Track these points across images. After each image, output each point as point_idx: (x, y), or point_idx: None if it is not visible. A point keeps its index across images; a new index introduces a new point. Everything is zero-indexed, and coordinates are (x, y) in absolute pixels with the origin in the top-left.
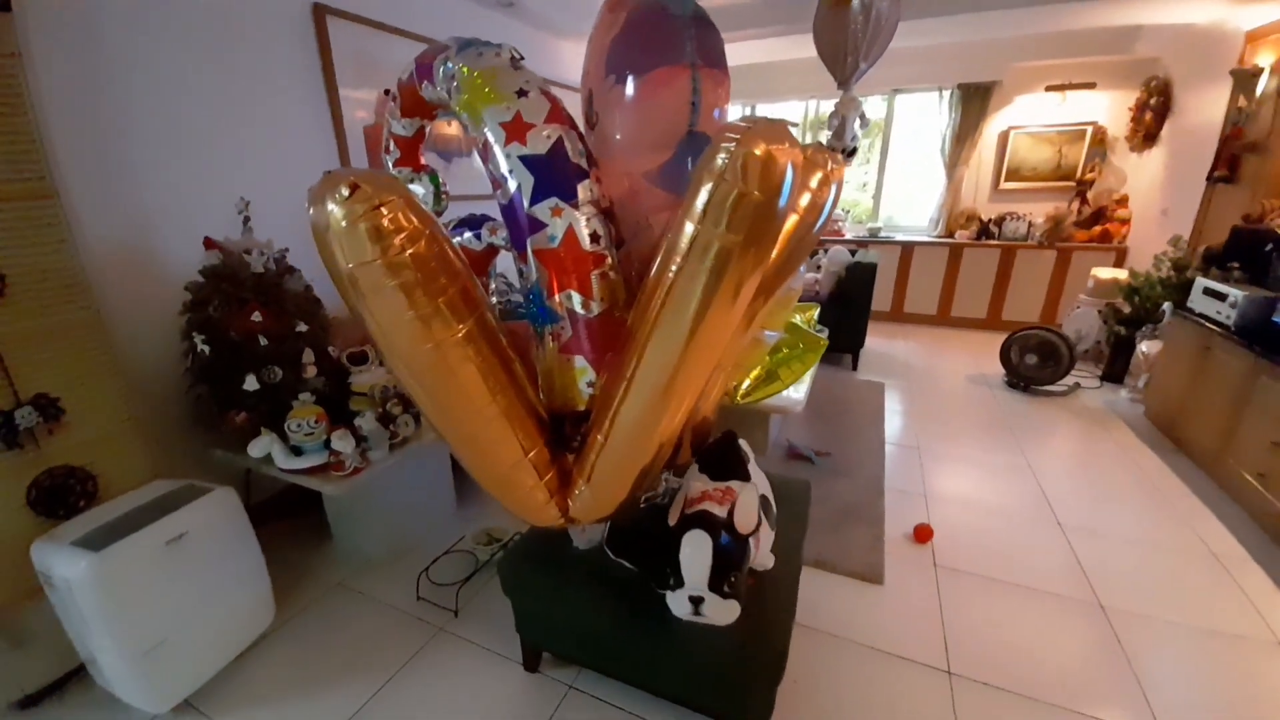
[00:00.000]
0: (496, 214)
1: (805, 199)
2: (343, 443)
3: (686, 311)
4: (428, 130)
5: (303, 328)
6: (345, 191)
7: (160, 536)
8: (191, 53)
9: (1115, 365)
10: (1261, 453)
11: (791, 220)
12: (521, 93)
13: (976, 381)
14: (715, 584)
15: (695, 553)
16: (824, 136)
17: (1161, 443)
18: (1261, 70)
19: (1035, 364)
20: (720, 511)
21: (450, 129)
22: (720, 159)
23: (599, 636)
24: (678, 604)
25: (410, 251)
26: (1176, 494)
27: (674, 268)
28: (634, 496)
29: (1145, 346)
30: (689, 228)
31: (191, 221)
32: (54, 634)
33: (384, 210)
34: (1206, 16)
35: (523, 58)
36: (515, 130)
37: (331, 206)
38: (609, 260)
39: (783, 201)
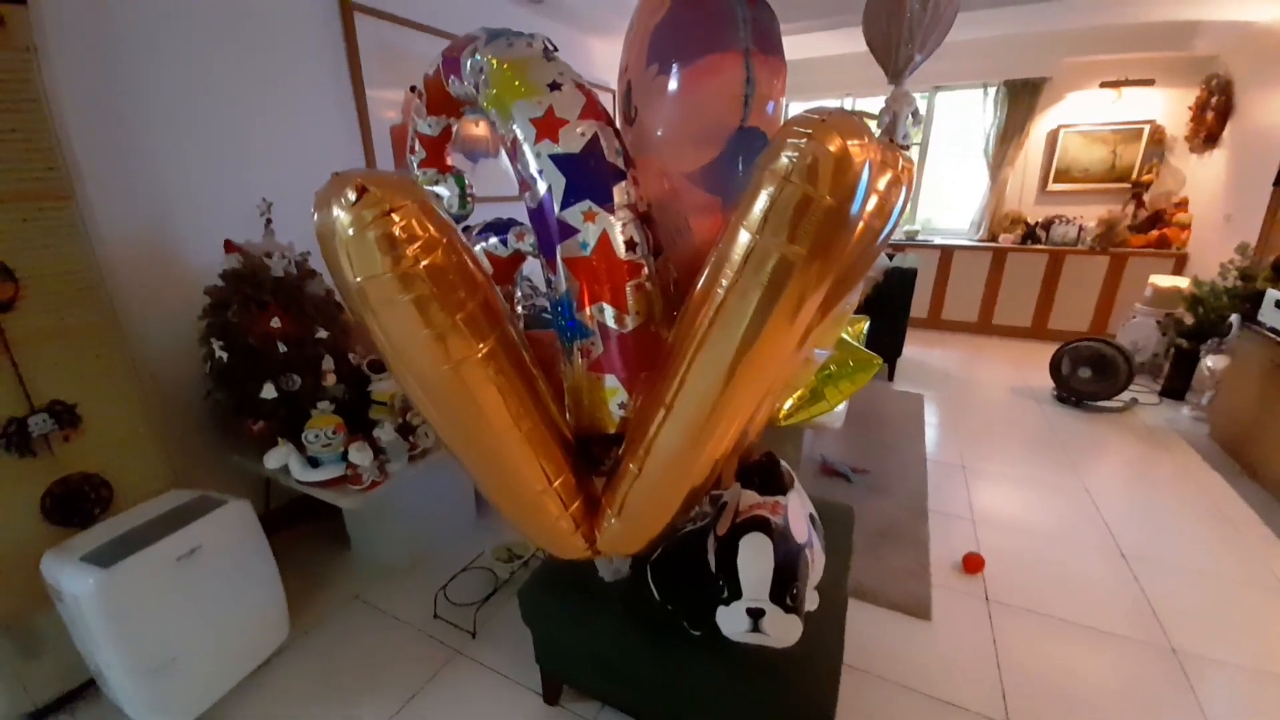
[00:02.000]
0: (524, 217)
1: (873, 203)
2: (360, 455)
3: (738, 331)
4: (455, 130)
5: (323, 334)
6: (352, 195)
7: (172, 552)
8: (213, 49)
9: (1176, 380)
10: None
11: (857, 228)
12: (554, 86)
13: (1022, 394)
14: (777, 594)
15: (755, 556)
16: None
17: (1229, 466)
18: None
19: (1089, 377)
20: (776, 519)
21: (477, 129)
22: (786, 158)
23: (626, 673)
24: (733, 620)
25: (425, 263)
26: (1248, 524)
27: (725, 281)
28: (670, 530)
29: (1210, 361)
30: (744, 237)
31: (212, 222)
32: (66, 645)
33: (396, 217)
34: (1269, 15)
35: (556, 49)
36: (547, 127)
37: (338, 212)
38: (646, 270)
39: (855, 208)
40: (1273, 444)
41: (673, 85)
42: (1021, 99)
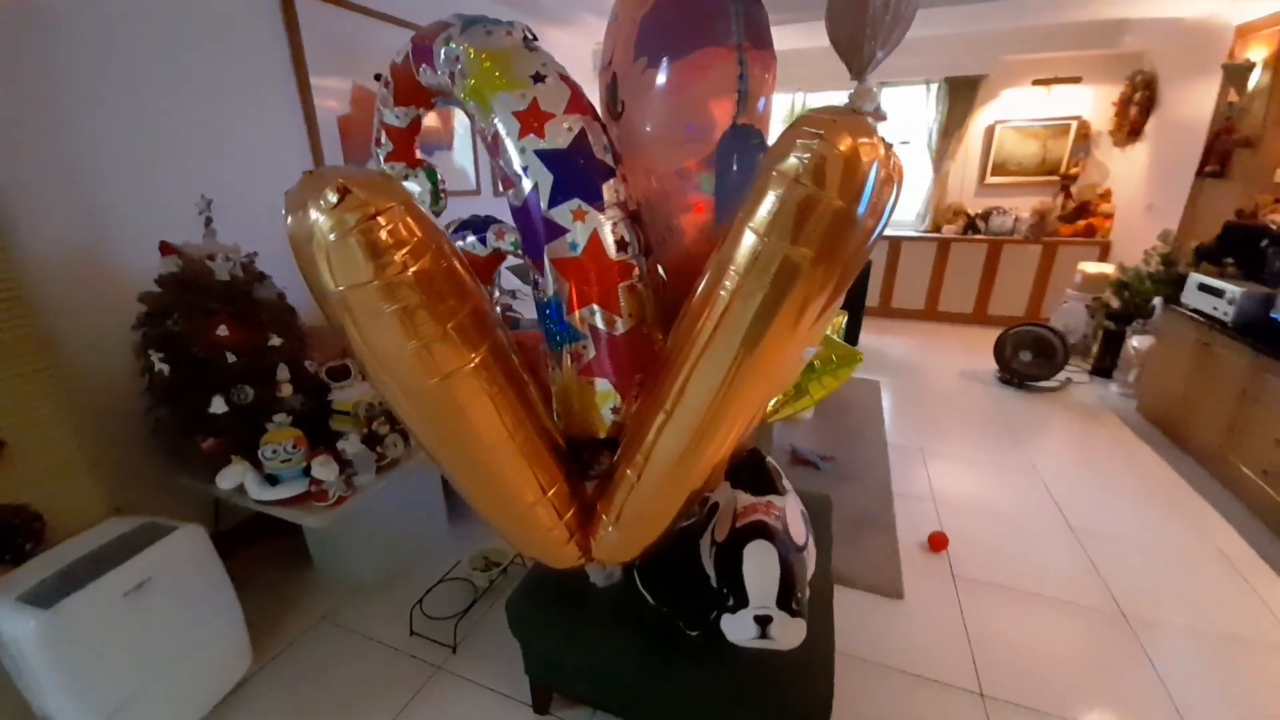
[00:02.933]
0: (486, 213)
1: None
2: (325, 469)
3: (742, 334)
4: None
5: (276, 341)
6: (333, 197)
7: (119, 586)
8: (146, 35)
9: (1104, 360)
10: (1266, 450)
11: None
12: (538, 77)
13: (970, 378)
14: (783, 600)
15: (762, 565)
16: None
17: (1158, 438)
18: (1254, 65)
19: (1030, 360)
20: (775, 523)
21: (427, 119)
22: (795, 158)
23: (620, 679)
24: (740, 627)
25: (414, 269)
26: (1179, 492)
27: (729, 284)
28: (666, 535)
29: (1136, 341)
30: (750, 239)
31: (146, 223)
32: (9, 689)
33: (382, 220)
34: (1196, 11)
35: (535, 38)
36: (531, 121)
37: (316, 215)
38: (637, 271)
39: (862, 208)
40: (1199, 416)
41: (663, 80)
42: (961, 95)
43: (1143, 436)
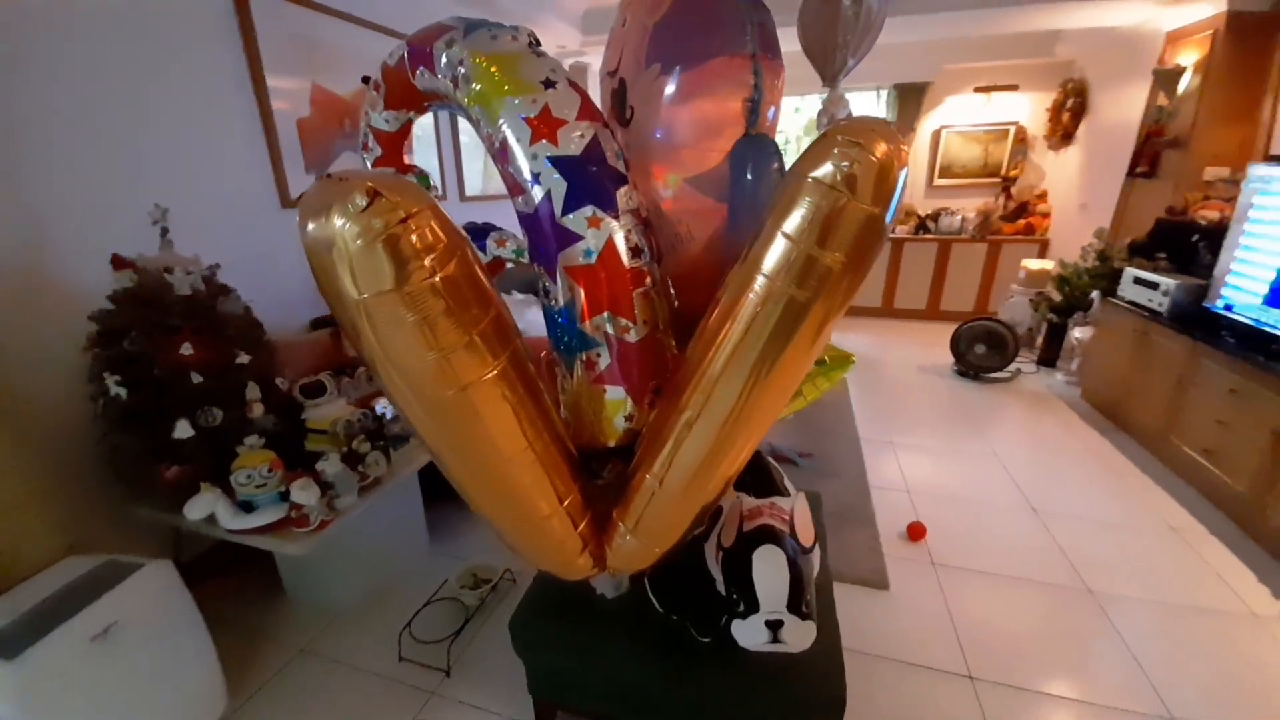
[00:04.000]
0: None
1: None
2: (305, 493)
3: (772, 339)
4: (414, 124)
5: (244, 358)
6: (362, 201)
7: (84, 631)
8: (91, 35)
9: (1049, 351)
10: (1206, 431)
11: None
12: (548, 83)
13: (928, 371)
14: (793, 603)
15: (771, 569)
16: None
17: (1102, 422)
18: (1184, 69)
19: (984, 353)
20: (781, 525)
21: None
22: (832, 166)
23: (632, 690)
24: (750, 633)
25: (441, 275)
26: (1127, 472)
27: (758, 289)
28: (682, 542)
29: (1077, 332)
30: (782, 244)
31: (95, 235)
32: None
33: (411, 224)
34: (1128, 19)
35: (540, 42)
36: (542, 127)
37: (341, 221)
38: (650, 277)
39: (890, 214)
40: (1139, 401)
41: (676, 87)
42: (910, 101)
43: (1089, 421)
